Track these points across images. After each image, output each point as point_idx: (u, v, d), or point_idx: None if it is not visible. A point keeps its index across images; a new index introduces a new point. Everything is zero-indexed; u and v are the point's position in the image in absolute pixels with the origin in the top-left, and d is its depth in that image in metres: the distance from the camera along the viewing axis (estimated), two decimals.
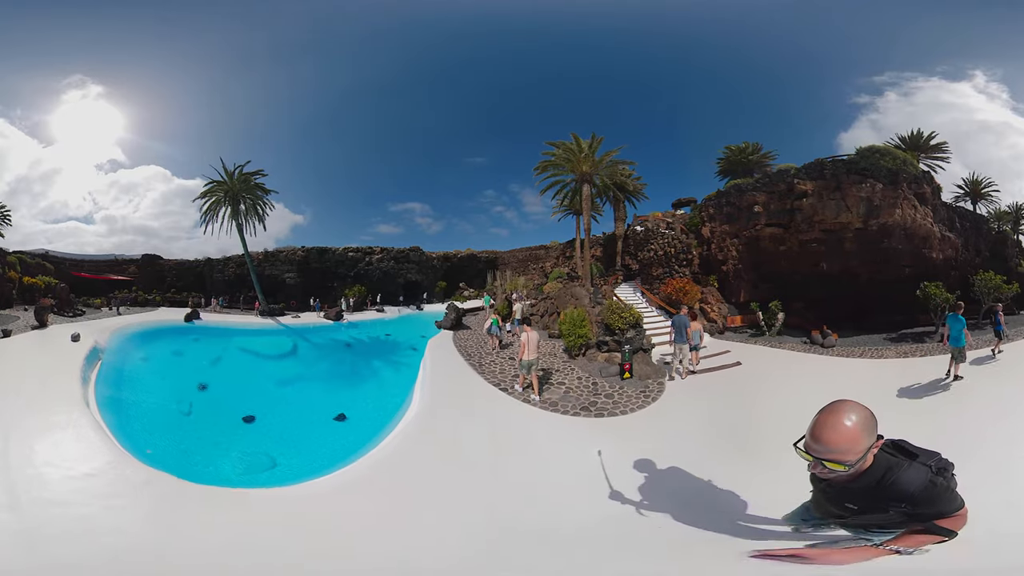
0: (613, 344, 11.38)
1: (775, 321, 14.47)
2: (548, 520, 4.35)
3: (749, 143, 22.09)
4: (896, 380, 8.30)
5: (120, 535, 4.13)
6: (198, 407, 9.88)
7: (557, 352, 12.40)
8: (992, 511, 2.59)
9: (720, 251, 17.98)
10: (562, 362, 11.46)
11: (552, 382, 9.72)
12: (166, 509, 4.76)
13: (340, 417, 8.94)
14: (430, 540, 4.01)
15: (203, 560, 3.73)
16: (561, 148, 18.90)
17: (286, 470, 6.74)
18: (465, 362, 11.60)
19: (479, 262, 37.32)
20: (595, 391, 9.11)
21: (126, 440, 7.01)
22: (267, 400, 10.58)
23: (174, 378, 12.44)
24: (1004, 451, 4.84)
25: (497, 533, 4.11)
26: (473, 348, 13.45)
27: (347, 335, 21.68)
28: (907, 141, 19.14)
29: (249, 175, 26.26)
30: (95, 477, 5.37)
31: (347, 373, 14.40)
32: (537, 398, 8.74)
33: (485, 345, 13.90)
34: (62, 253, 29.78)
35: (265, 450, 7.45)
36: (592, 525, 4.13)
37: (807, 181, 14.58)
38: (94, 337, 13.95)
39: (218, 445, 7.71)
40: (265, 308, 26.98)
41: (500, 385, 9.59)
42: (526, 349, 8.73)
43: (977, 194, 20.70)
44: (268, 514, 4.73)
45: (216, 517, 4.61)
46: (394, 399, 8.92)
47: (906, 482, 1.64)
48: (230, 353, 16.73)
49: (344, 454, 6.61)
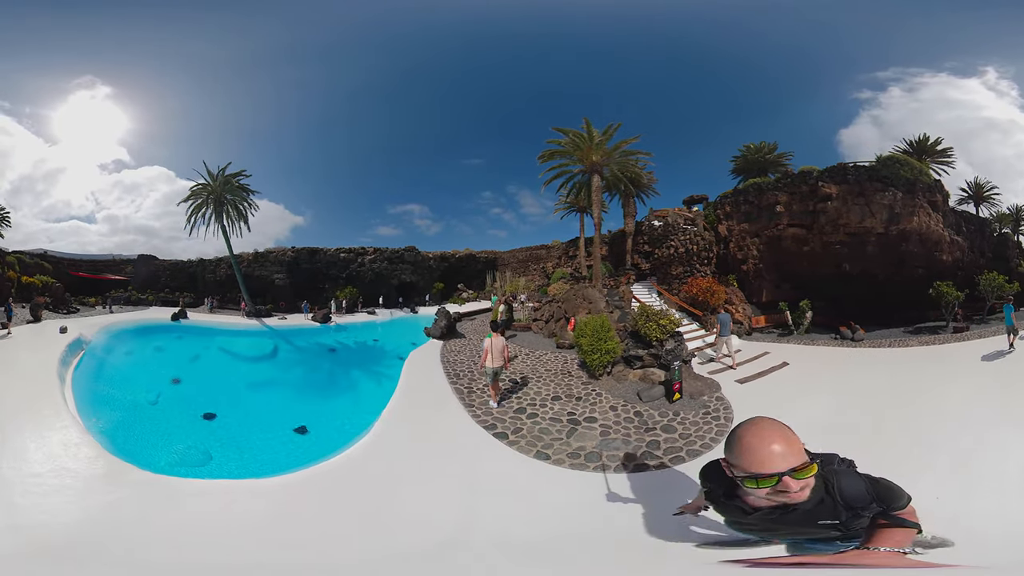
0: (649, 358, 10.18)
1: (803, 320, 16.07)
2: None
3: (766, 143, 23.86)
4: (975, 352, 11.01)
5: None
6: (166, 399, 10.97)
7: (570, 370, 10.91)
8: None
9: (740, 250, 19.53)
10: (581, 384, 9.75)
11: (579, 421, 7.63)
12: (103, 488, 5.47)
13: (301, 430, 8.70)
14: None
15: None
16: (570, 135, 18.34)
17: (217, 467, 7.12)
18: (450, 386, 9.71)
19: (478, 262, 38.08)
20: (645, 424, 7.43)
21: (91, 418, 8.48)
22: (233, 401, 11.06)
23: (151, 371, 13.95)
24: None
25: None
26: (465, 365, 11.71)
27: (333, 339, 21.92)
28: (915, 146, 21.36)
29: (231, 176, 27.62)
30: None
31: (323, 382, 14.40)
32: (495, 405, 8.35)
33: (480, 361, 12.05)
34: (61, 253, 32.08)
35: (209, 447, 7.90)
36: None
37: (831, 184, 16.27)
38: (80, 331, 16.52)
39: (169, 435, 8.47)
40: (251, 309, 27.89)
41: (496, 427, 7.35)
42: (488, 356, 8.29)
43: (980, 197, 23.25)
44: (172, 504, 5.16)
45: (134, 499, 5.25)
46: (366, 417, 8.23)
47: (851, 485, 1.73)
48: (209, 352, 17.99)
49: (285, 467, 6.59)
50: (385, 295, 33.28)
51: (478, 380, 10.25)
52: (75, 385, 10.75)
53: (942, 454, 5.64)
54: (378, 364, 15.78)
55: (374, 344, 20.57)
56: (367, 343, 21.00)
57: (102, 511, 4.92)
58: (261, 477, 6.16)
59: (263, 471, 6.54)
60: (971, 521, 3.78)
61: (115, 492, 5.32)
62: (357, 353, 19.38)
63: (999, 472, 5.02)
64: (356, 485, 5.68)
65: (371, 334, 22.90)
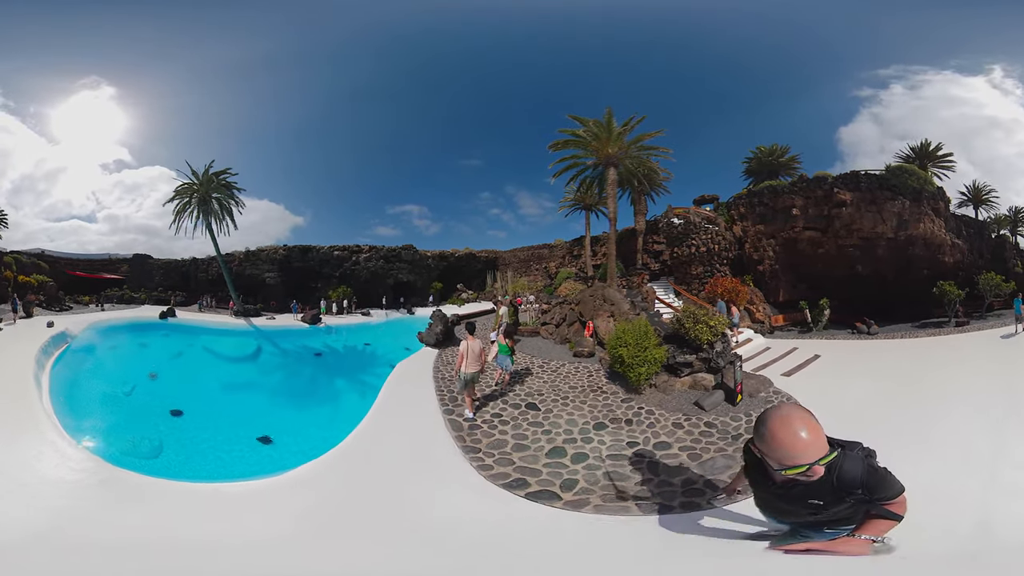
0: (699, 363, 9.93)
1: (822, 317, 17.96)
2: None
3: (777, 145, 25.97)
4: (986, 338, 13.80)
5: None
6: (140, 391, 11.77)
7: (599, 384, 9.84)
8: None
9: (756, 251, 21.30)
10: (620, 402, 8.62)
11: (651, 453, 6.30)
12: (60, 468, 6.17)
13: (264, 439, 8.53)
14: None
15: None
16: (589, 124, 18.14)
17: (164, 464, 7.44)
18: (443, 417, 7.88)
19: (478, 262, 38.70)
20: (727, 433, 6.95)
21: (63, 402, 9.61)
22: (205, 401, 11.45)
23: (132, 365, 15.01)
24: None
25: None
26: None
27: (321, 342, 21.78)
28: (917, 151, 23.84)
29: (216, 174, 28.62)
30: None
31: (302, 389, 14.04)
32: (472, 416, 7.86)
33: (486, 378, 9.90)
34: (59, 253, 34.64)
35: (166, 442, 8.27)
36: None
37: (845, 191, 18.21)
38: (67, 326, 18.36)
39: (129, 425, 9.12)
40: (239, 308, 28.30)
41: (528, 481, 5.51)
42: (465, 360, 8.08)
43: (979, 200, 26.17)
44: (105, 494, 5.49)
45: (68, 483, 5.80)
46: (343, 434, 7.60)
47: (851, 469, 1.91)
48: (192, 350, 18.74)
49: (230, 475, 6.66)
50: (384, 295, 33.40)
51: (489, 407, 8.42)
52: (53, 372, 12.34)
53: (966, 406, 7.37)
54: (366, 372, 14.96)
55: (364, 349, 20.02)
56: (357, 347, 20.62)
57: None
58: (199, 481, 6.25)
59: (208, 475, 6.71)
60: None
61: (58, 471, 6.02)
62: (345, 358, 19.26)
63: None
64: (281, 518, 4.95)
65: (363, 337, 22.51)
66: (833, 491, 1.94)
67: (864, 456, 1.97)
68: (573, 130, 18.68)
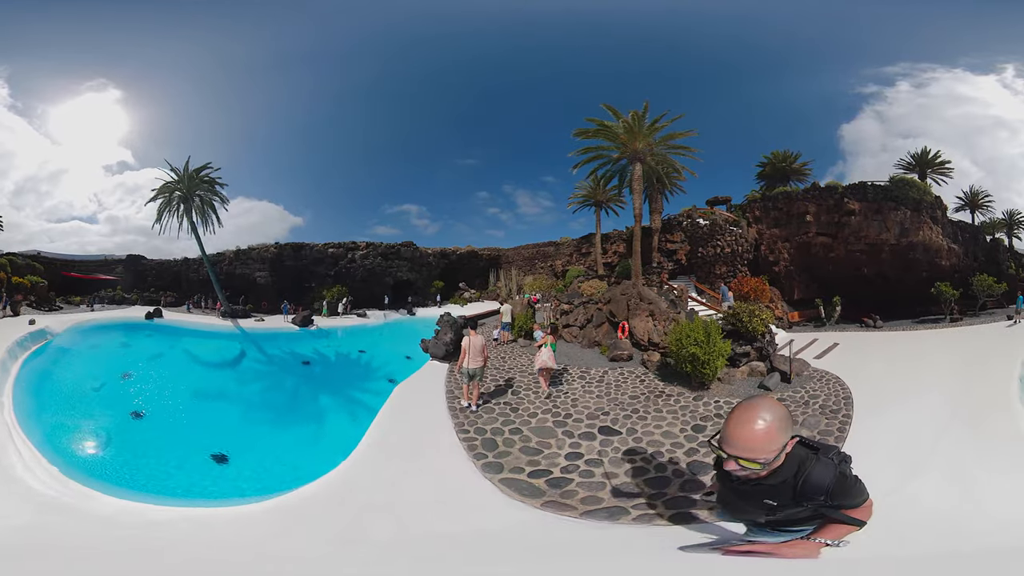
0: (754, 352, 11.68)
1: (834, 313, 20.96)
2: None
3: (789, 151, 28.99)
4: (995, 324, 17.45)
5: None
6: (108, 390, 12.41)
7: (660, 389, 9.66)
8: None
9: (771, 252, 24.33)
10: (701, 404, 8.60)
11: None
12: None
13: (220, 457, 8.13)
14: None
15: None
16: (621, 118, 18.41)
17: (98, 465, 7.52)
18: (474, 463, 6.27)
19: (480, 260, 39.48)
20: (805, 405, 8.73)
21: (24, 392, 10.79)
22: (171, 406, 11.65)
23: (108, 364, 15.68)
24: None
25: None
26: (489, 415, 8.04)
27: (310, 347, 21.17)
28: (917, 158, 27.23)
29: (197, 171, 29.51)
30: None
31: (281, 404, 13.21)
32: (475, 407, 8.38)
33: (520, 400, 8.83)
34: (56, 254, 36.62)
35: (113, 443, 8.36)
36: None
37: (854, 201, 21.36)
38: (49, 324, 19.54)
39: (85, 420, 9.64)
40: (227, 309, 28.58)
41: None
42: (467, 356, 8.50)
43: (975, 204, 29.86)
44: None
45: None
46: (315, 466, 6.67)
47: (819, 476, 1.98)
48: (173, 352, 19.22)
49: (173, 492, 6.57)
50: (383, 294, 33.81)
51: (554, 446, 6.64)
52: (25, 365, 13.52)
53: (955, 376, 10.54)
54: (358, 387, 13.90)
55: (359, 356, 19.26)
56: (351, 355, 19.83)
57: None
58: (132, 491, 6.17)
59: (143, 486, 6.59)
60: None
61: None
62: (336, 368, 18.63)
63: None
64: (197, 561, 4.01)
65: (358, 342, 21.75)
66: (794, 495, 1.99)
67: (838, 462, 2.01)
68: (601, 120, 18.78)
